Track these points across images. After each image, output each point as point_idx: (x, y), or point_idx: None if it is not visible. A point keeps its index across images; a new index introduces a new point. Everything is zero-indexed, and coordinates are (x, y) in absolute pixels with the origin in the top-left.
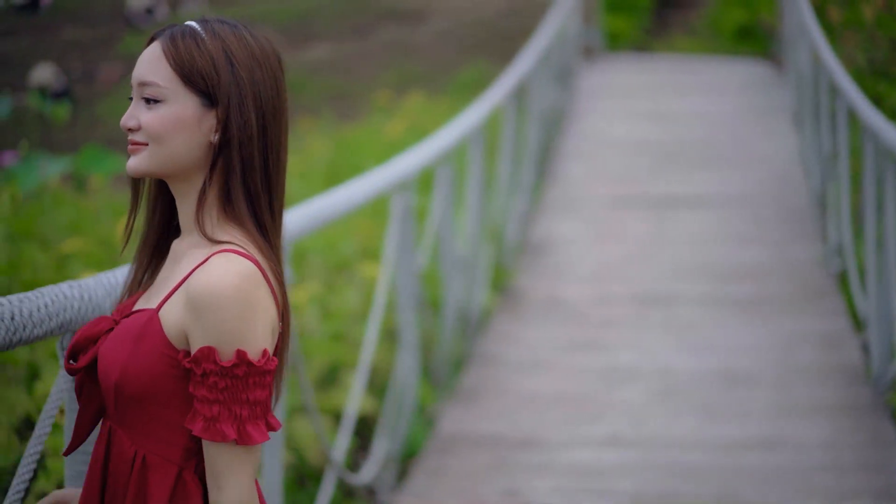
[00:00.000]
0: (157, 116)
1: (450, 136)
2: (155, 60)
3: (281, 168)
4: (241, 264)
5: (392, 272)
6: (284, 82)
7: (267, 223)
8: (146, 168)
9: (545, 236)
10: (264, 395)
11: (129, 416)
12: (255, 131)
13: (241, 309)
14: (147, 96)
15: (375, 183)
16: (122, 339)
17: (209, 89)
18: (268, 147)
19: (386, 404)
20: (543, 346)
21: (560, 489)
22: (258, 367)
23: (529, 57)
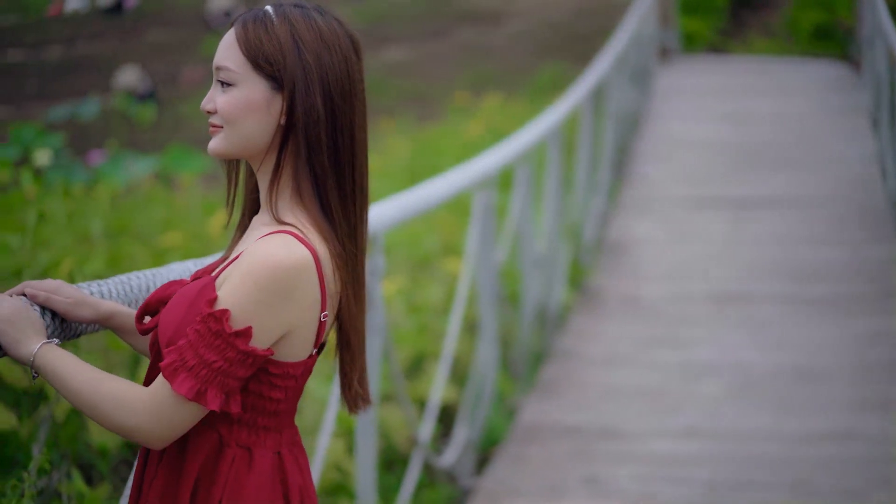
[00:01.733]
0: (230, 99)
1: (529, 136)
2: (229, 46)
3: (357, 150)
4: (293, 251)
5: (473, 267)
6: (360, 64)
7: (334, 205)
8: (223, 149)
9: (622, 236)
10: (218, 364)
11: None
12: (322, 114)
13: (265, 294)
14: (221, 80)
15: (458, 180)
16: (179, 303)
17: (276, 73)
18: (337, 129)
19: (466, 393)
20: (621, 342)
21: (638, 477)
22: (228, 334)
23: (607, 58)
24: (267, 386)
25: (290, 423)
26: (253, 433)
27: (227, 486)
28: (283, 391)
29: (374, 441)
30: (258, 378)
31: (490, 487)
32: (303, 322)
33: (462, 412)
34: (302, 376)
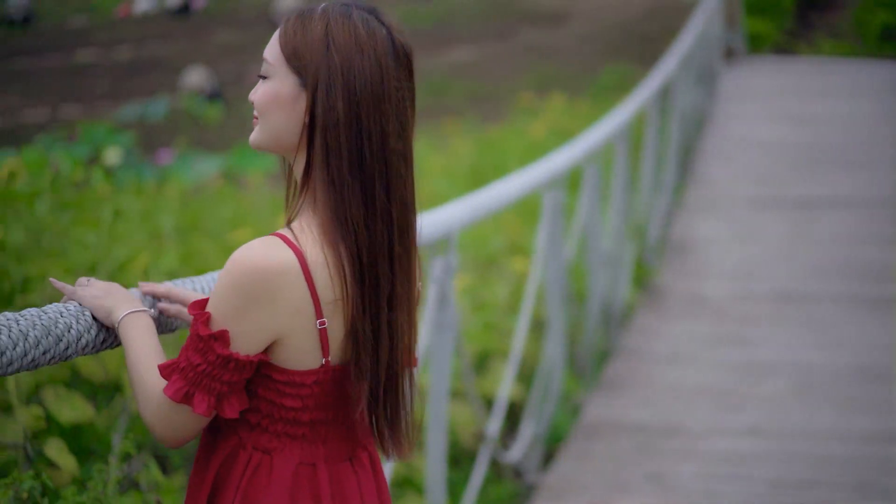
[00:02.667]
0: (261, 91)
1: (597, 136)
2: (272, 39)
3: (391, 158)
4: (272, 253)
5: (542, 266)
6: (400, 71)
7: (351, 213)
8: (256, 141)
9: (686, 235)
10: (202, 367)
11: None
12: (343, 117)
13: (240, 298)
14: (260, 73)
15: (529, 180)
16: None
17: (303, 69)
18: (363, 135)
19: (533, 390)
20: (684, 340)
21: (701, 475)
22: (206, 337)
23: (673, 59)
24: (275, 393)
25: (335, 437)
26: (274, 439)
27: (240, 490)
28: (299, 399)
29: (444, 436)
30: (266, 384)
31: (555, 483)
32: (291, 329)
33: (529, 409)
34: (318, 385)
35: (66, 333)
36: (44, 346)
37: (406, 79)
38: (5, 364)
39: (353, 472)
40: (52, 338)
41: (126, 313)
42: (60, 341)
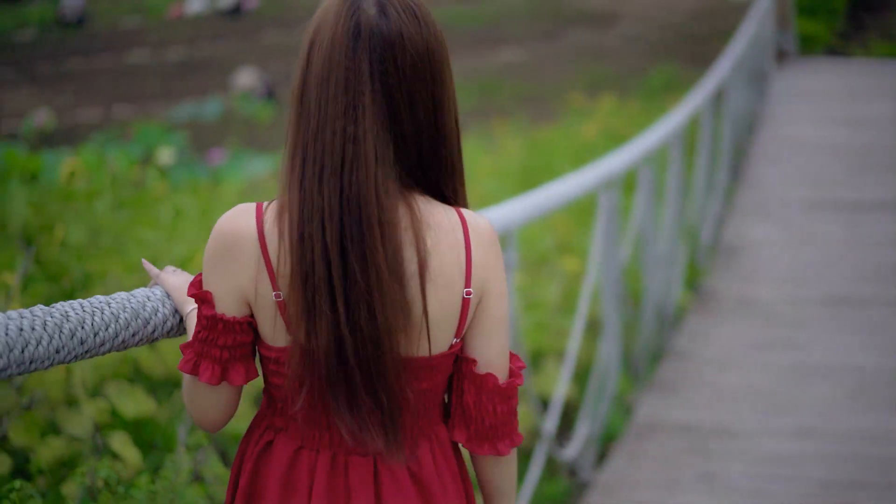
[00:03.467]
0: None
1: (653, 139)
2: None
3: (326, 139)
4: (235, 218)
5: (597, 266)
6: (359, 51)
7: (290, 193)
8: None
9: (738, 238)
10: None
11: None
12: (296, 90)
13: (210, 257)
14: None
15: (585, 180)
16: None
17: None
18: (303, 108)
19: (587, 390)
20: (736, 343)
21: (752, 475)
22: (196, 298)
23: (727, 61)
24: (265, 369)
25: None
26: (281, 419)
27: (252, 467)
28: (281, 377)
29: None
30: (261, 359)
31: (608, 481)
32: (253, 295)
33: (584, 408)
34: (288, 366)
35: (153, 316)
36: (133, 328)
37: (366, 60)
38: (98, 344)
39: (373, 471)
40: (140, 320)
41: (192, 308)
42: (148, 324)
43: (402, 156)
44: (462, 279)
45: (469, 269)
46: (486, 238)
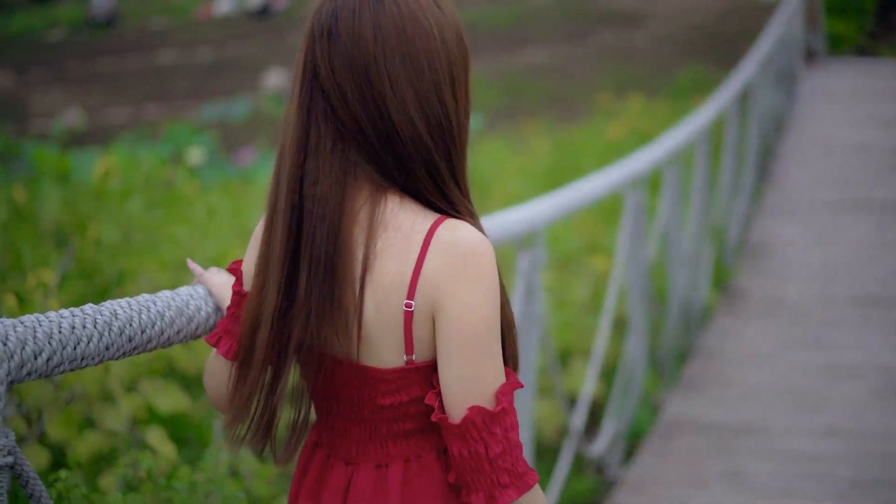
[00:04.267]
0: None
1: (678, 138)
2: None
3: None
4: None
5: (623, 265)
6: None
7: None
8: None
9: (765, 237)
10: (231, 310)
11: None
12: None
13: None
14: None
15: (611, 179)
16: None
17: None
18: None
19: (614, 388)
20: (763, 342)
21: (779, 473)
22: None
23: (753, 61)
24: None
25: (341, 427)
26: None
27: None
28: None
29: (530, 430)
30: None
31: (635, 478)
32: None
33: (610, 405)
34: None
35: (196, 314)
36: (177, 325)
37: (311, 56)
38: (145, 341)
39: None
40: (184, 318)
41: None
42: (191, 321)
43: (369, 154)
44: (404, 289)
45: (414, 279)
46: (454, 249)
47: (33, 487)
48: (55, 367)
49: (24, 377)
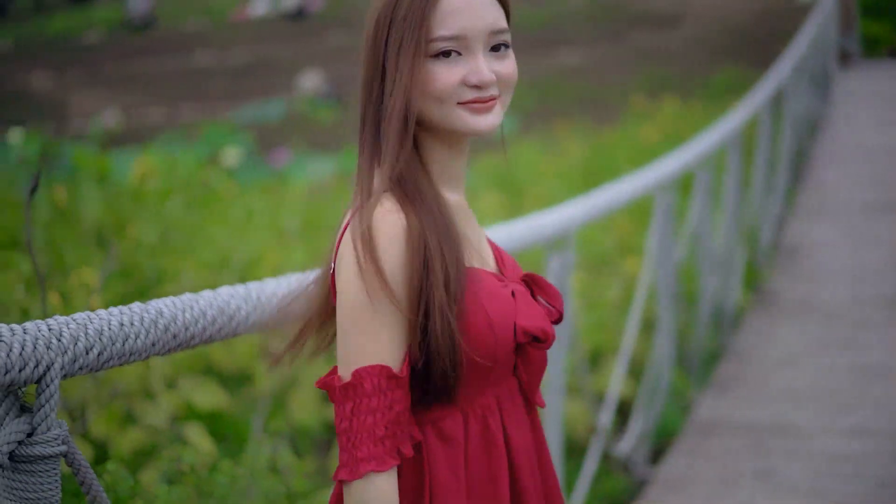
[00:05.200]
0: (514, 63)
1: (709, 141)
2: (495, 5)
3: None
4: None
5: (653, 266)
6: None
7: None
8: (500, 120)
9: (798, 239)
10: None
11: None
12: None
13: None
14: (500, 42)
15: (642, 182)
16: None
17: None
18: None
19: (642, 387)
20: (796, 343)
21: (810, 472)
22: None
23: (786, 64)
24: None
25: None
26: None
27: None
28: None
29: (559, 429)
30: None
31: (666, 477)
32: None
33: (638, 405)
34: None
35: (236, 313)
36: (219, 323)
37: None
38: (188, 338)
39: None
40: (225, 316)
41: None
42: (232, 319)
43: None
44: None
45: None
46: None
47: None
48: (105, 361)
49: (77, 371)
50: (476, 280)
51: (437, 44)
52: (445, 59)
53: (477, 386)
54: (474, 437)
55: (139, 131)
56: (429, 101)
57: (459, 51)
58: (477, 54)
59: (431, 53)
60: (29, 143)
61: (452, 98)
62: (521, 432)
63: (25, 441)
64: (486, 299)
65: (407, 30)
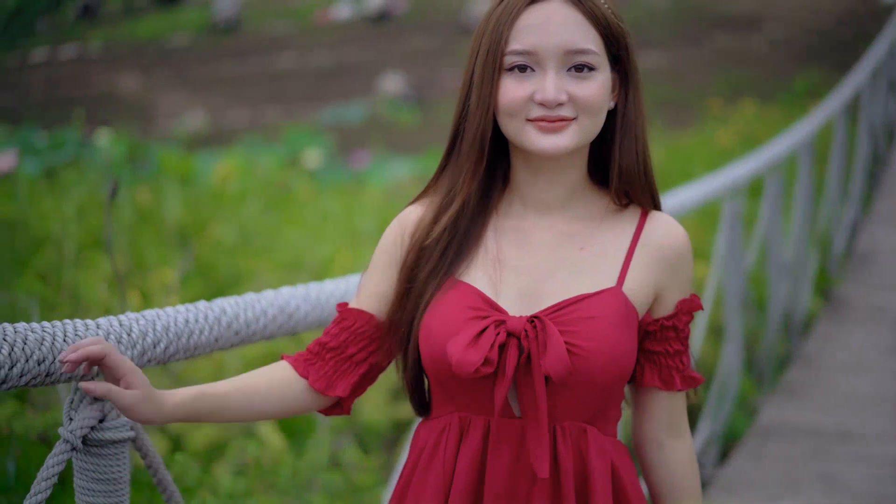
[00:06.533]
0: (597, 87)
1: (779, 148)
2: (580, 25)
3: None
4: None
5: (720, 272)
6: None
7: (650, 182)
8: (575, 143)
9: (872, 245)
10: None
11: (604, 408)
12: (640, 93)
13: (693, 259)
14: (582, 63)
15: (707, 189)
16: (601, 331)
17: (619, 51)
18: (640, 108)
19: (710, 392)
20: (866, 349)
21: (872, 477)
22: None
23: (863, 70)
24: None
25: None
26: None
27: None
28: None
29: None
30: None
31: (728, 479)
32: None
33: (706, 408)
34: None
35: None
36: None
37: None
38: (250, 335)
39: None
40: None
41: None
42: (291, 318)
43: None
44: None
45: None
46: None
47: (152, 459)
48: (171, 355)
49: (146, 363)
50: (448, 289)
51: (509, 57)
52: (519, 74)
53: (443, 399)
54: (427, 450)
55: (223, 133)
56: (502, 116)
57: (532, 67)
58: (548, 72)
59: (506, 67)
60: (116, 144)
61: (521, 113)
62: (503, 463)
63: (97, 427)
64: (441, 311)
65: (489, 43)
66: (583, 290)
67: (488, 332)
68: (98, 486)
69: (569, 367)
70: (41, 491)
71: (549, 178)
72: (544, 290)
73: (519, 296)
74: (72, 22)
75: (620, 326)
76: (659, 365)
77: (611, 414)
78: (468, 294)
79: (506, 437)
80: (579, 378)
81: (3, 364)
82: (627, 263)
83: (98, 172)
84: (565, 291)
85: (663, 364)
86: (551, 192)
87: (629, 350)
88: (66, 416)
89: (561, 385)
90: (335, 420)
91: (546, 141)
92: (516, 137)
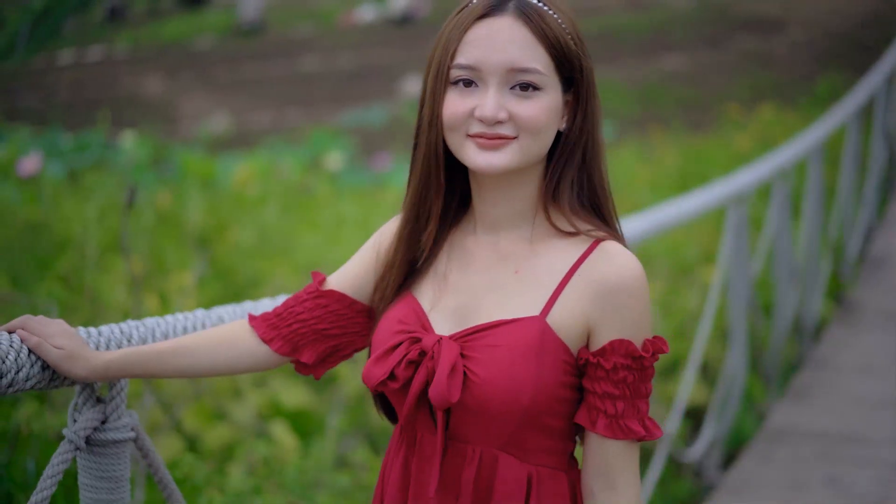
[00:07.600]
0: (540, 107)
1: (788, 154)
2: (527, 43)
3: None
4: (632, 253)
5: (726, 277)
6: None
7: (607, 210)
8: (514, 163)
9: (886, 250)
10: (651, 387)
11: (517, 437)
12: (597, 117)
13: (646, 297)
14: (526, 82)
15: (711, 196)
16: (501, 360)
17: (573, 74)
18: (595, 133)
19: (716, 394)
20: (876, 354)
21: (879, 480)
22: (656, 357)
23: (878, 73)
24: None
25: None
26: None
27: None
28: None
29: None
30: None
31: (734, 482)
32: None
33: (710, 412)
34: None
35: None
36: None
37: None
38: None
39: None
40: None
41: None
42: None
43: None
44: None
45: None
46: None
47: (152, 459)
48: None
49: None
50: (398, 301)
51: (455, 71)
52: (464, 89)
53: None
54: (387, 457)
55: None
56: (445, 129)
57: (476, 82)
58: (489, 88)
59: (452, 80)
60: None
61: (462, 128)
62: (423, 477)
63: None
64: (382, 323)
65: (441, 55)
66: (506, 314)
67: (401, 348)
68: (101, 484)
69: (445, 394)
70: (46, 488)
71: (495, 196)
72: (476, 309)
73: (452, 314)
74: (98, 24)
75: (528, 358)
76: (587, 404)
77: (535, 444)
78: (405, 308)
79: (428, 453)
80: (474, 406)
81: (10, 369)
82: (558, 293)
83: (121, 175)
84: (490, 314)
85: (591, 403)
86: (497, 209)
87: (537, 383)
88: (70, 418)
89: (461, 409)
90: (345, 421)
91: (482, 158)
92: (457, 152)
